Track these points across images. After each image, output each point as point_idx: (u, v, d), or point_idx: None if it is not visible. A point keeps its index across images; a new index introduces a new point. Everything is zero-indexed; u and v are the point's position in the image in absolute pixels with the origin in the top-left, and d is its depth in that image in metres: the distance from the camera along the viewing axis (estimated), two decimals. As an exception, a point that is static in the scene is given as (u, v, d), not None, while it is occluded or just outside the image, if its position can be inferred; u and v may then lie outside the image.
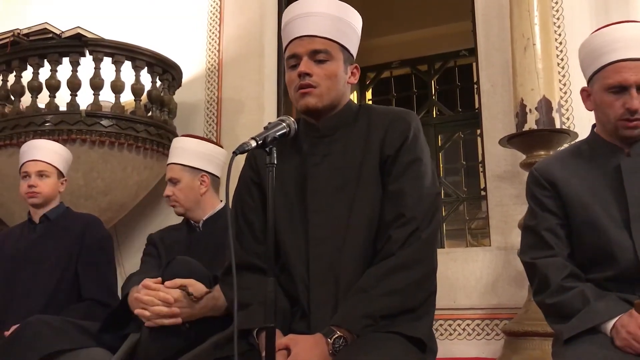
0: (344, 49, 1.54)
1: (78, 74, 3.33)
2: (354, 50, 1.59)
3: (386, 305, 1.38)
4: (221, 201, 2.29)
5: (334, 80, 1.52)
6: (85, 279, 2.42)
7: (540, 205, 1.64)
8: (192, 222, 2.24)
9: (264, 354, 1.26)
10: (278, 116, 3.61)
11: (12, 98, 3.41)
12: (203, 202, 2.22)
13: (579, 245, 1.60)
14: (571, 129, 3.01)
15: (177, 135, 3.39)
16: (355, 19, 1.58)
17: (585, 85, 1.68)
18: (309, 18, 1.50)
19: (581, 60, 1.68)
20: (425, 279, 1.44)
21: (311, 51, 1.49)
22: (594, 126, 1.69)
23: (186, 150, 2.25)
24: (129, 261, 3.72)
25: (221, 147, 2.43)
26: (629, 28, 1.59)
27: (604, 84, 1.56)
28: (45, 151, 2.54)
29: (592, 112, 1.67)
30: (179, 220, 2.36)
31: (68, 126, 3.22)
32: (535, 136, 2.68)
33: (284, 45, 1.58)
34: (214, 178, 2.28)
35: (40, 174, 2.49)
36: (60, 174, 2.57)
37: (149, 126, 3.43)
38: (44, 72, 3.36)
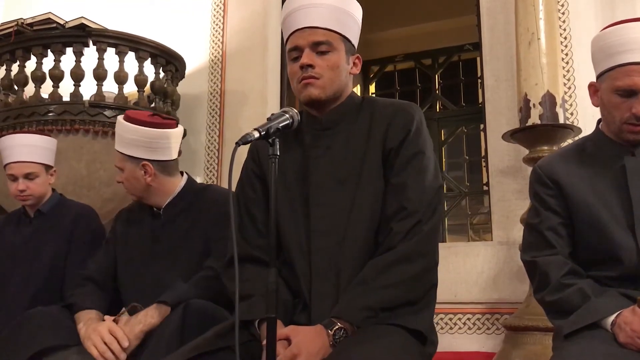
0: (345, 39, 1.54)
1: (81, 64, 3.34)
2: (355, 41, 1.59)
3: (386, 298, 1.38)
4: (182, 174, 2.11)
5: (336, 71, 1.52)
6: (69, 279, 2.26)
7: (543, 204, 1.62)
8: (154, 208, 2.07)
9: (264, 343, 1.26)
10: (281, 108, 3.60)
11: (16, 88, 3.42)
12: (157, 190, 2.03)
13: (582, 244, 1.58)
14: (575, 124, 3.01)
15: (180, 127, 3.39)
16: (355, 9, 1.58)
17: (591, 80, 1.66)
18: (309, 9, 1.51)
19: (592, 53, 1.65)
20: (427, 272, 1.44)
21: (313, 43, 1.49)
22: (599, 121, 1.66)
23: (124, 138, 2.03)
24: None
25: (173, 121, 2.11)
26: None
27: (613, 85, 1.54)
28: (28, 149, 2.37)
29: (597, 108, 1.65)
30: None
31: (71, 116, 3.23)
32: (538, 131, 2.68)
33: (285, 37, 1.58)
34: (162, 162, 2.03)
35: (28, 176, 2.35)
36: (47, 167, 2.43)
37: (152, 117, 3.43)
38: (48, 62, 3.37)
